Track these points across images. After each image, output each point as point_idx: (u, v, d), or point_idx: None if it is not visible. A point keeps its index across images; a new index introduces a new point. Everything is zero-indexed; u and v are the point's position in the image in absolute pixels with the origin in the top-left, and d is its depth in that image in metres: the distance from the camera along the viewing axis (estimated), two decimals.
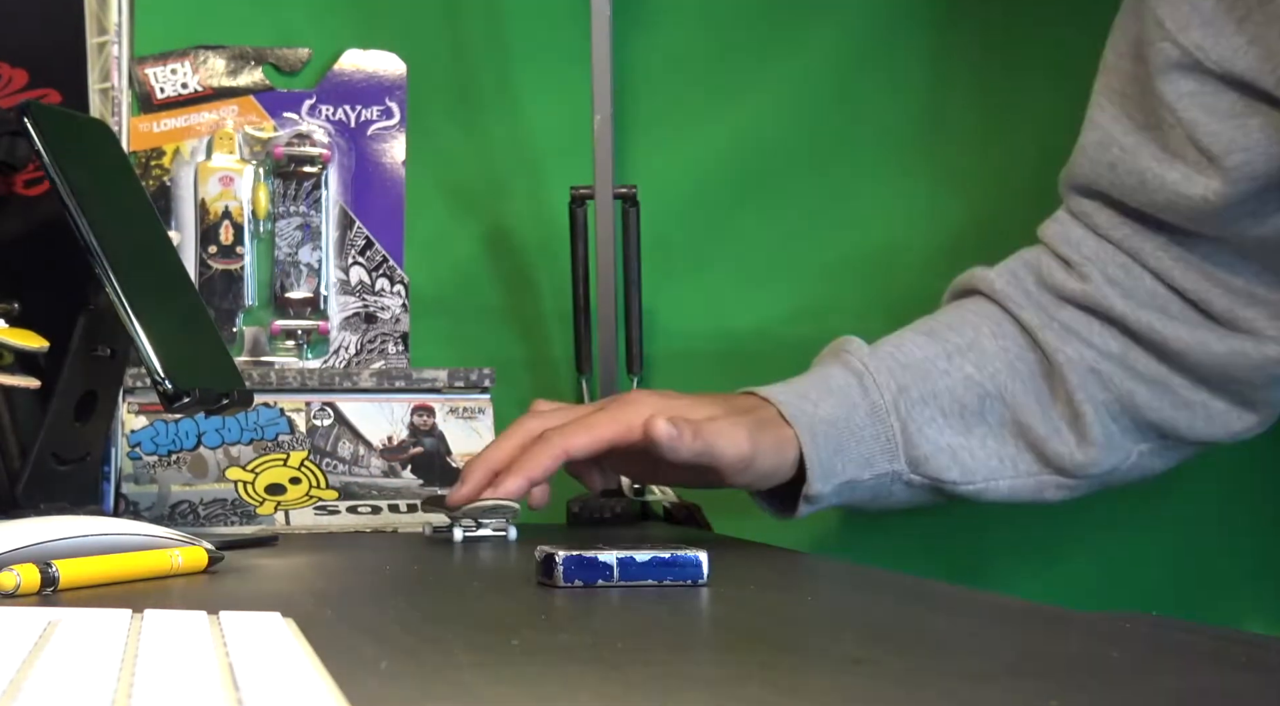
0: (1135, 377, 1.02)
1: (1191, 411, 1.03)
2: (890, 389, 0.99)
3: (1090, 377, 1.01)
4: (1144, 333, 1.01)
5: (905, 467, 1.00)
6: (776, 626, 0.58)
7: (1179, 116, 0.96)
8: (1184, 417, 1.03)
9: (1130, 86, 1.00)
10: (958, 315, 1.05)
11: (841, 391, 0.99)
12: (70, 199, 0.84)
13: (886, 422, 0.99)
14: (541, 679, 0.44)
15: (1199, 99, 0.95)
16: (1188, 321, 1.01)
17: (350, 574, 0.78)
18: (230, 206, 1.16)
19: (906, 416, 0.99)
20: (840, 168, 1.31)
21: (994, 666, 0.48)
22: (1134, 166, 0.99)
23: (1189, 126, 0.96)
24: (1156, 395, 1.02)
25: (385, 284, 1.18)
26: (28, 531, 0.69)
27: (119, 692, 0.37)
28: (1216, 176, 0.95)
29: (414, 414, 1.12)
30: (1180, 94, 0.96)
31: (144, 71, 1.17)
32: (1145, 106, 0.99)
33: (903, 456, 0.99)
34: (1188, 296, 1.01)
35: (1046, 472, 1.02)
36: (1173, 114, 0.96)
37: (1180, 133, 0.96)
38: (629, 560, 0.66)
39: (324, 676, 0.40)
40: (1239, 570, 1.28)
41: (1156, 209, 1.00)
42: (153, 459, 1.07)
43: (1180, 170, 0.97)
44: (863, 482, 0.99)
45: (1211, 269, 1.00)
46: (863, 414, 0.99)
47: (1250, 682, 0.46)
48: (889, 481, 1.00)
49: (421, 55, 1.23)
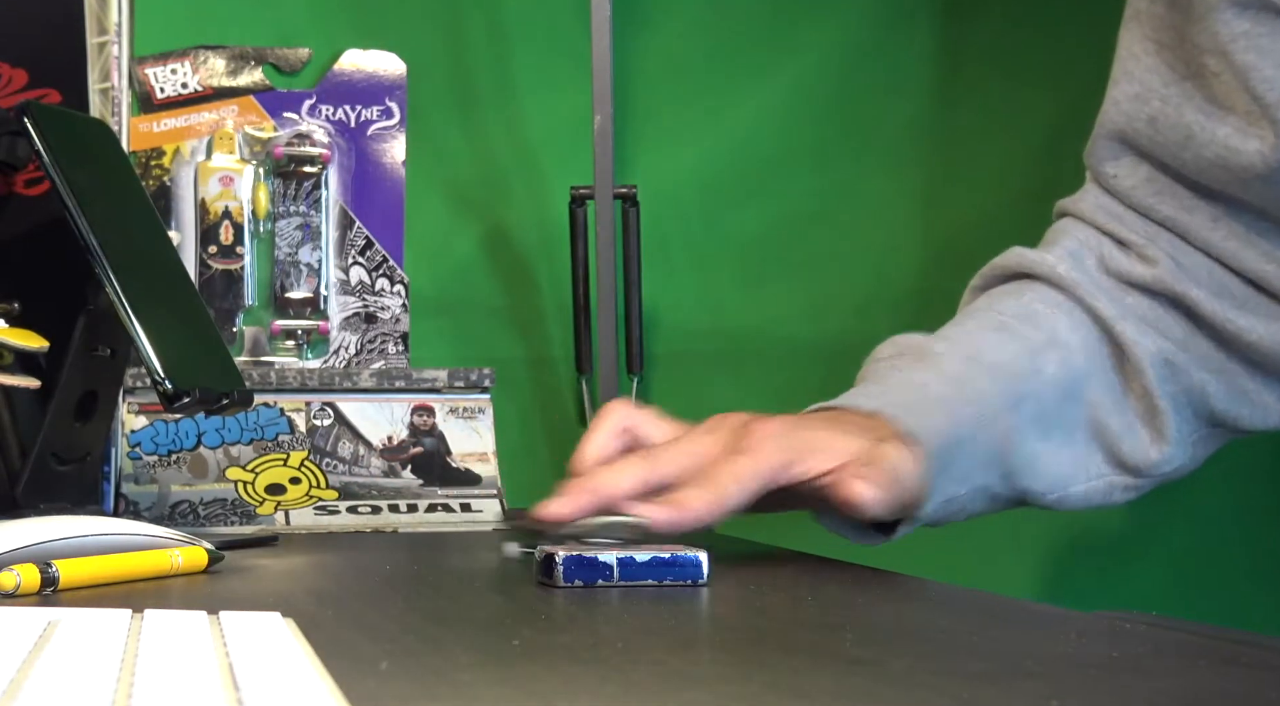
0: (1204, 368, 0.94)
1: (1249, 400, 0.95)
2: (991, 396, 0.90)
3: (1166, 370, 0.94)
4: (1214, 320, 0.93)
5: (997, 480, 0.91)
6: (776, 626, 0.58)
7: (1231, 61, 0.87)
8: (1244, 407, 0.95)
9: (1166, 34, 0.92)
10: (1024, 305, 0.95)
11: (944, 401, 0.89)
12: (70, 199, 0.84)
13: (989, 434, 0.89)
14: (541, 679, 0.44)
15: (1255, 40, 0.86)
16: (1258, 310, 0.93)
17: (350, 574, 0.78)
18: (230, 206, 1.16)
19: (1008, 426, 0.90)
20: (840, 167, 1.31)
21: (994, 666, 0.48)
22: (1178, 120, 0.91)
23: (1241, 72, 0.87)
24: (1224, 386, 0.95)
25: (385, 284, 1.18)
26: (28, 531, 0.69)
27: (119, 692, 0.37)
28: (1271, 129, 0.86)
29: (414, 414, 1.12)
30: (1234, 35, 0.87)
31: (144, 71, 1.17)
32: (1185, 55, 0.91)
33: (998, 469, 0.90)
34: (1246, 276, 0.93)
35: (1116, 473, 0.94)
36: (1223, 59, 0.87)
37: (1230, 80, 0.87)
38: (629, 560, 0.66)
39: (324, 676, 0.40)
40: (1239, 570, 1.28)
41: (1201, 169, 0.91)
42: (153, 459, 1.07)
43: (1232, 122, 0.88)
44: (958, 498, 0.90)
45: (1262, 244, 0.92)
46: (967, 426, 0.89)
47: (1250, 682, 0.46)
48: (978, 495, 0.91)
49: (421, 55, 1.23)
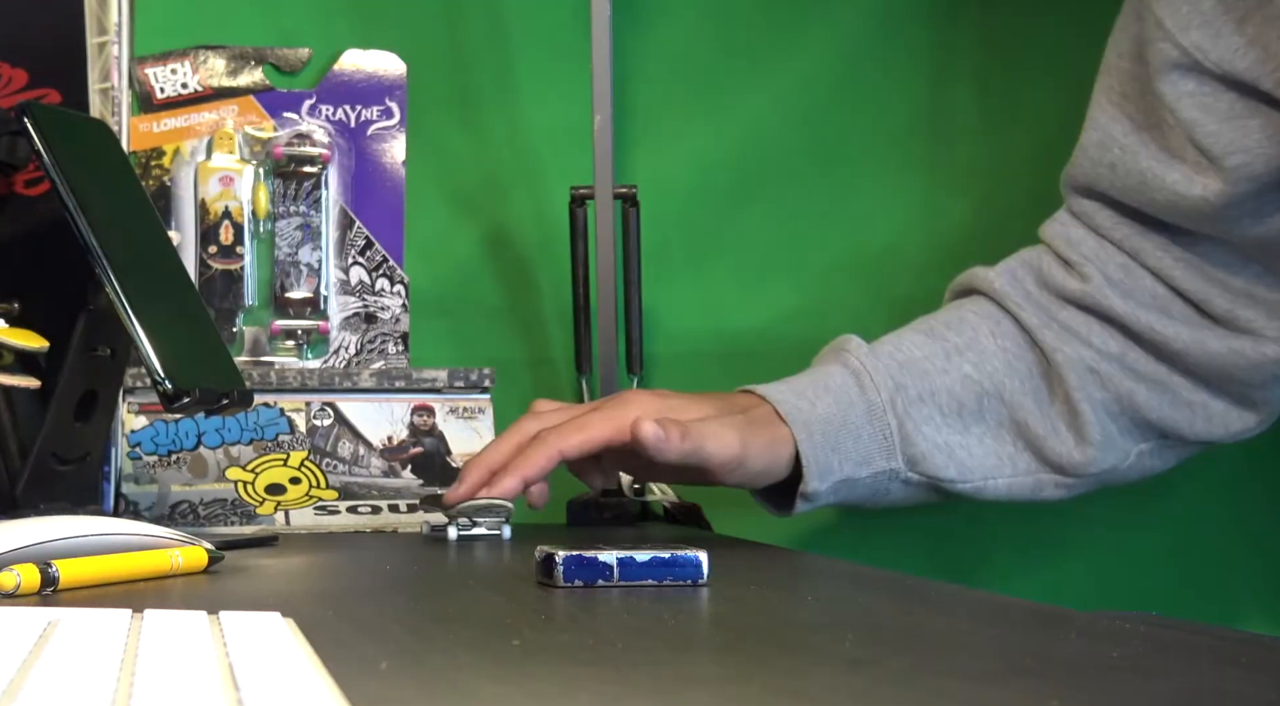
0: (1135, 377, 1.02)
1: (1191, 411, 1.03)
2: (887, 387, 0.99)
3: (1089, 377, 1.01)
4: (1144, 332, 1.01)
5: (903, 466, 1.00)
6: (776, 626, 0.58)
7: (1179, 117, 0.96)
8: (1184, 417, 1.03)
9: (1130, 86, 1.00)
10: (956, 314, 1.05)
11: (839, 389, 0.99)
12: (70, 199, 0.84)
13: (883, 420, 0.99)
14: (541, 679, 0.44)
15: (1199, 99, 0.95)
16: (1188, 322, 1.01)
17: (350, 574, 0.78)
18: (230, 206, 1.16)
19: (904, 414, 0.99)
20: (840, 167, 1.31)
21: (994, 666, 0.48)
22: (1134, 166, 0.99)
23: (1188, 126, 0.96)
24: (1156, 395, 1.02)
25: (385, 284, 1.18)
26: (28, 531, 0.69)
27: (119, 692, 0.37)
28: (1216, 177, 0.95)
29: (414, 414, 1.12)
30: (1180, 94, 0.96)
31: (144, 71, 1.17)
32: (1145, 107, 0.99)
33: (900, 454, 0.99)
34: (1188, 297, 1.01)
35: (1044, 471, 1.02)
36: (1173, 114, 0.96)
37: (1180, 133, 0.96)
38: (629, 560, 0.66)
39: (324, 676, 0.40)
40: (1239, 570, 1.28)
41: (1157, 209, 1.00)
42: (153, 459, 1.07)
43: (1180, 170, 0.97)
44: (860, 480, 0.99)
45: (1212, 269, 1.00)
46: (860, 412, 0.99)
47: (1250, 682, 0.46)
48: (886, 479, 1.00)
49: (421, 55, 1.23)
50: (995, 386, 1.02)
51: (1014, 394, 1.02)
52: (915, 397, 1.00)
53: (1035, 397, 1.02)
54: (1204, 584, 1.28)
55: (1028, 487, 1.02)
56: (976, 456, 1.01)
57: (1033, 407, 1.02)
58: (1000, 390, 1.02)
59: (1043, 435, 1.01)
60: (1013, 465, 1.02)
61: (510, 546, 0.91)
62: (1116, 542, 1.27)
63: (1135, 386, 1.02)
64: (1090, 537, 1.28)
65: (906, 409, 1.00)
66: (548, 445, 0.94)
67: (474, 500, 0.93)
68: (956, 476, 1.01)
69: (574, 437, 0.94)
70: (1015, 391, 1.02)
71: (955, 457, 1.01)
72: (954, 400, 1.01)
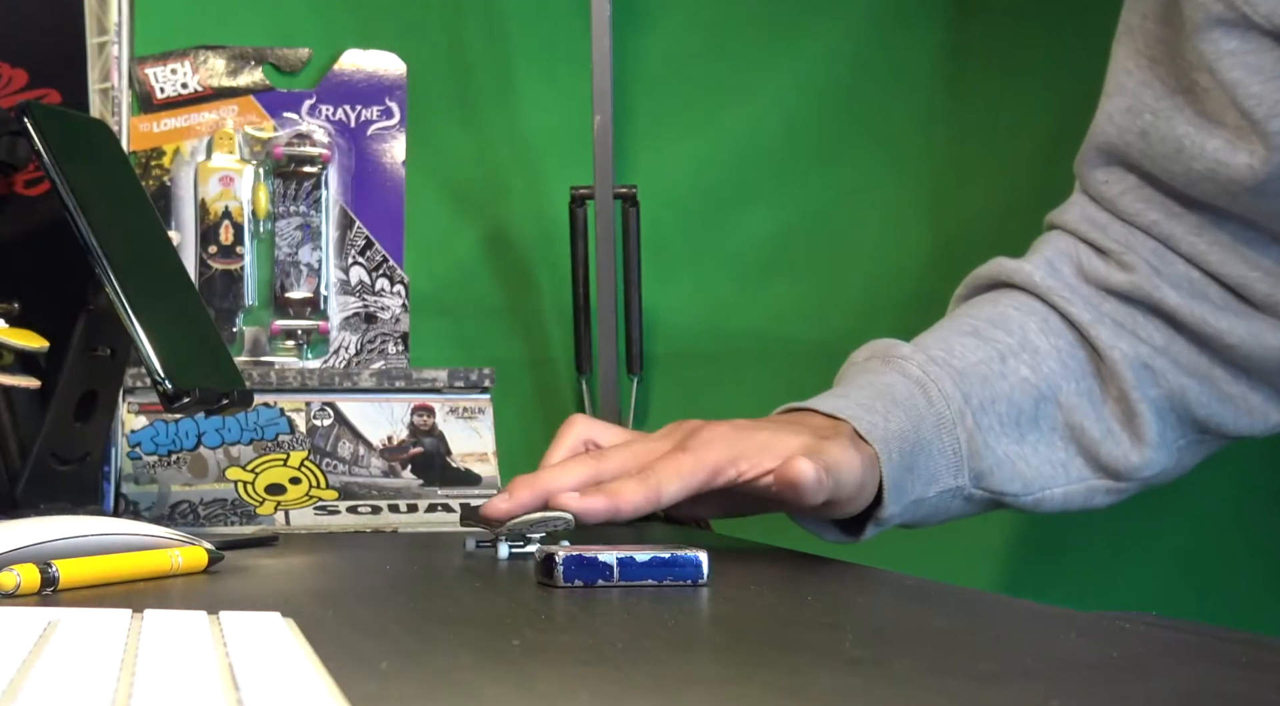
0: (1184, 372, 0.96)
1: (1234, 405, 0.97)
2: (955, 399, 0.92)
3: (1144, 374, 0.95)
4: (1193, 324, 0.95)
5: (969, 482, 0.92)
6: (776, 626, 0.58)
7: (1219, 78, 0.89)
8: (1228, 412, 0.97)
9: (1158, 49, 0.93)
10: (998, 311, 0.97)
11: (907, 402, 0.90)
12: (70, 199, 0.84)
13: (953, 435, 0.91)
14: (541, 679, 0.44)
15: (1241, 58, 0.88)
16: (1237, 312, 0.95)
17: (350, 574, 0.78)
18: (230, 206, 1.16)
19: (972, 427, 0.92)
20: (840, 167, 1.31)
21: (994, 666, 0.48)
22: (1168, 133, 0.92)
23: (1230, 88, 0.89)
24: (1204, 389, 0.96)
25: (385, 284, 1.18)
26: (28, 531, 0.69)
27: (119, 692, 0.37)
28: (1260, 142, 0.88)
29: (414, 414, 1.12)
30: (1221, 53, 0.89)
31: (144, 71, 1.17)
32: (1176, 70, 0.92)
33: (967, 470, 0.92)
34: (1225, 282, 0.95)
35: (1097, 477, 0.95)
36: (1211, 76, 0.89)
37: (1220, 96, 0.89)
38: (629, 560, 0.66)
39: (324, 676, 0.40)
40: (1239, 570, 1.28)
41: (1191, 180, 0.93)
42: (153, 459, 1.07)
43: (1221, 136, 0.90)
44: (926, 500, 0.91)
45: (1246, 251, 0.94)
46: (930, 426, 0.90)
47: (1250, 682, 0.46)
48: (950, 497, 0.92)
49: (421, 55, 1.23)
50: (1051, 389, 0.95)
51: (1069, 396, 0.95)
52: (978, 407, 0.92)
53: (1090, 399, 0.95)
54: (1204, 584, 1.28)
55: (1081, 496, 0.95)
56: (1034, 466, 0.94)
57: (1088, 410, 0.95)
58: (1056, 393, 0.94)
59: (1097, 438, 0.94)
60: (1066, 473, 0.95)
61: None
62: (1116, 542, 1.27)
63: (1187, 382, 0.95)
64: (1091, 538, 1.28)
65: (976, 420, 0.92)
66: (648, 486, 0.81)
67: (529, 515, 0.82)
68: (1020, 490, 0.94)
69: (673, 485, 0.82)
70: (1071, 393, 0.95)
71: (1017, 470, 0.93)
72: (1013, 407, 0.93)
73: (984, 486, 0.93)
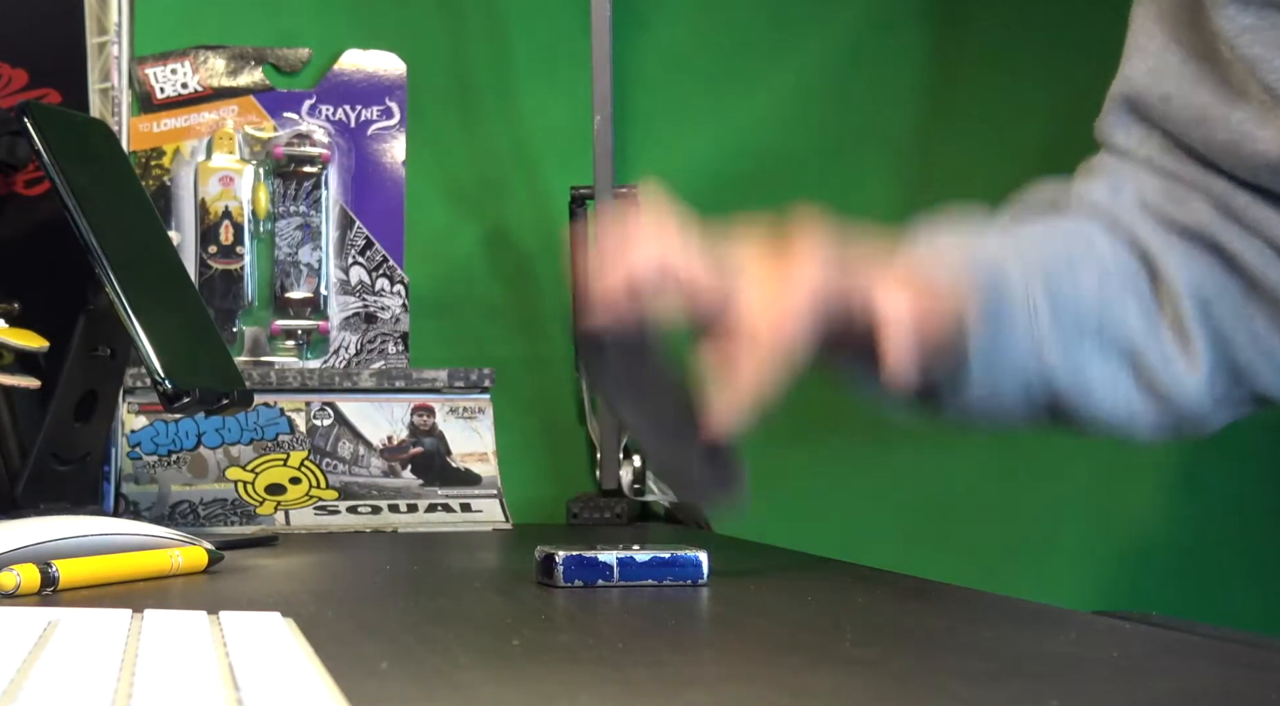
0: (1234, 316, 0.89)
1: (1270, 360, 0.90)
2: (1033, 273, 0.84)
3: (1202, 307, 0.88)
4: (1254, 273, 0.88)
5: (1035, 374, 0.84)
6: (776, 626, 0.58)
7: (1239, 53, 0.84)
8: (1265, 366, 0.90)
9: (1181, 13, 0.89)
10: (1061, 225, 0.90)
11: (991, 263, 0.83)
12: (70, 199, 0.84)
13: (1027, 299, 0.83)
14: (541, 679, 0.44)
15: (1260, 34, 0.84)
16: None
17: (350, 574, 0.78)
18: (230, 206, 1.16)
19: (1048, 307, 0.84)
20: (840, 167, 1.31)
21: (994, 666, 0.48)
22: (1192, 100, 0.87)
23: (1250, 64, 0.84)
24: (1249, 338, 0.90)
25: (385, 284, 1.18)
26: (28, 531, 0.69)
27: (119, 692, 0.37)
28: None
29: (414, 414, 1.12)
30: (1239, 29, 0.84)
31: (144, 71, 1.17)
32: (1199, 33, 0.87)
33: (1035, 361, 0.84)
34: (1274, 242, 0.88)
35: (1142, 398, 0.88)
36: (1232, 50, 0.84)
37: (1241, 69, 0.85)
38: (629, 560, 0.66)
39: (324, 676, 0.40)
40: (1239, 570, 1.28)
41: (1211, 151, 0.88)
42: (153, 459, 1.07)
43: (1246, 110, 0.85)
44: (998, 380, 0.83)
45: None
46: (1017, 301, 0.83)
47: (1250, 682, 0.46)
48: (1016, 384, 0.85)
49: (421, 55, 1.23)
50: (1111, 302, 0.87)
51: (1131, 313, 0.87)
52: (1046, 291, 0.84)
53: (1148, 320, 0.88)
54: (1204, 584, 1.28)
55: (1123, 411, 0.88)
56: (1093, 379, 0.86)
57: (1146, 330, 0.88)
58: (1113, 304, 0.87)
59: (1153, 359, 0.87)
60: (1114, 389, 0.87)
61: (510, 546, 0.90)
62: (1116, 542, 1.27)
63: (1235, 325, 0.89)
64: (1091, 538, 1.28)
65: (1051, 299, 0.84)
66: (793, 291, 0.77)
67: None
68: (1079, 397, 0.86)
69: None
70: (1133, 313, 0.87)
71: (1083, 378, 0.85)
72: (1072, 309, 0.85)
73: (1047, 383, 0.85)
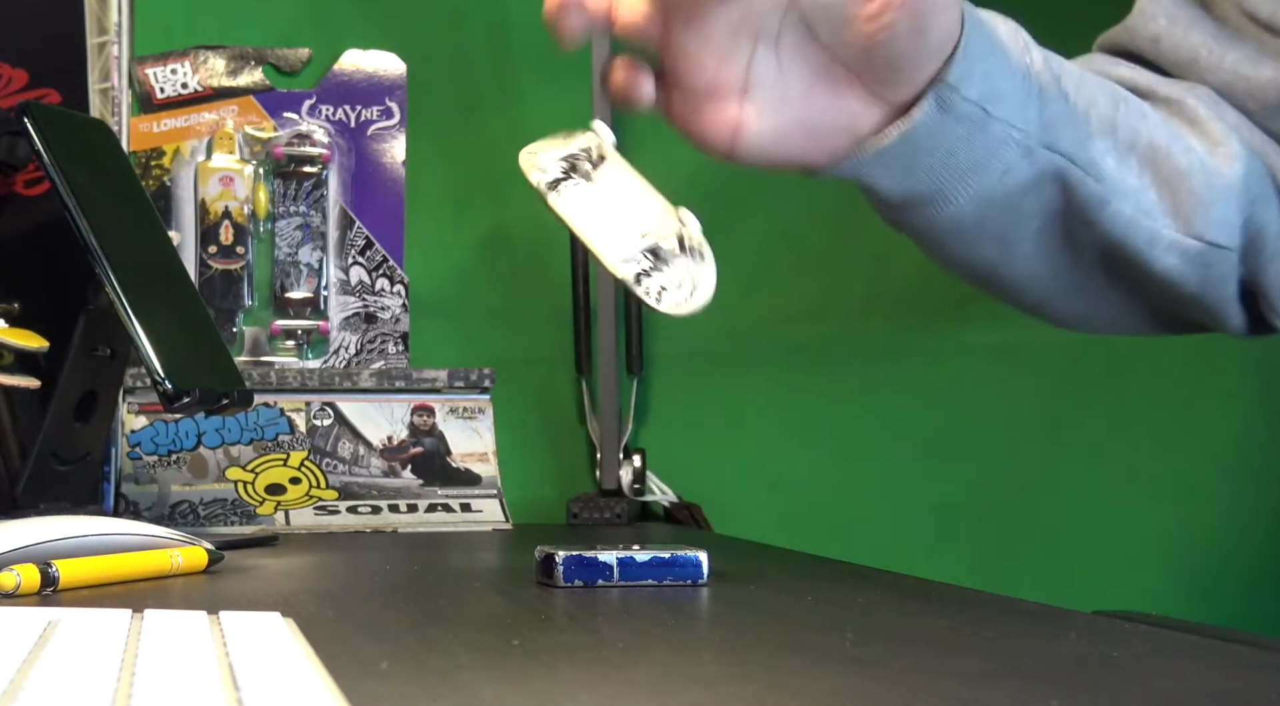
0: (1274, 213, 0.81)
1: None
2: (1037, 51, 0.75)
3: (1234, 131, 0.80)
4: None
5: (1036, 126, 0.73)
6: (776, 626, 0.58)
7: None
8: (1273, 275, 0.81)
9: None
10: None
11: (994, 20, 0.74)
12: (70, 199, 0.84)
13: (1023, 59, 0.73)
14: (541, 679, 0.44)
15: None
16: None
17: (350, 574, 0.78)
18: (230, 206, 1.16)
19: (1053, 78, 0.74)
20: None
21: (994, 666, 0.48)
22: (1183, 42, 0.83)
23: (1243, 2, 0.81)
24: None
25: (385, 284, 1.18)
26: (28, 531, 0.69)
27: (119, 692, 0.37)
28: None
29: (414, 414, 1.12)
30: None
31: (144, 71, 1.17)
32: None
33: (1036, 109, 0.73)
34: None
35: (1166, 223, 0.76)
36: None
37: (1232, 7, 0.81)
38: (629, 560, 0.66)
39: (324, 676, 0.40)
40: (1239, 570, 1.28)
41: None
42: (153, 459, 1.07)
43: (1241, 49, 0.81)
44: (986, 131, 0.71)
45: None
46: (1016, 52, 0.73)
47: (1250, 682, 0.46)
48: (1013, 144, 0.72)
49: (421, 55, 1.23)
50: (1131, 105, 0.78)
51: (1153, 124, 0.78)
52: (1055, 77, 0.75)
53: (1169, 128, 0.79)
54: (1204, 584, 1.28)
55: (1144, 232, 0.76)
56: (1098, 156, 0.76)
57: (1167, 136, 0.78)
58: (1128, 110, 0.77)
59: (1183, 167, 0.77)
60: (1137, 196, 0.76)
61: (510, 546, 0.90)
62: (1116, 542, 1.27)
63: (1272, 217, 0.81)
64: (1090, 538, 1.28)
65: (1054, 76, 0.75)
66: None
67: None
68: (1087, 167, 0.74)
69: None
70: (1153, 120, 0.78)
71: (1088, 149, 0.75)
72: (1087, 99, 0.76)
73: (1051, 145, 0.73)
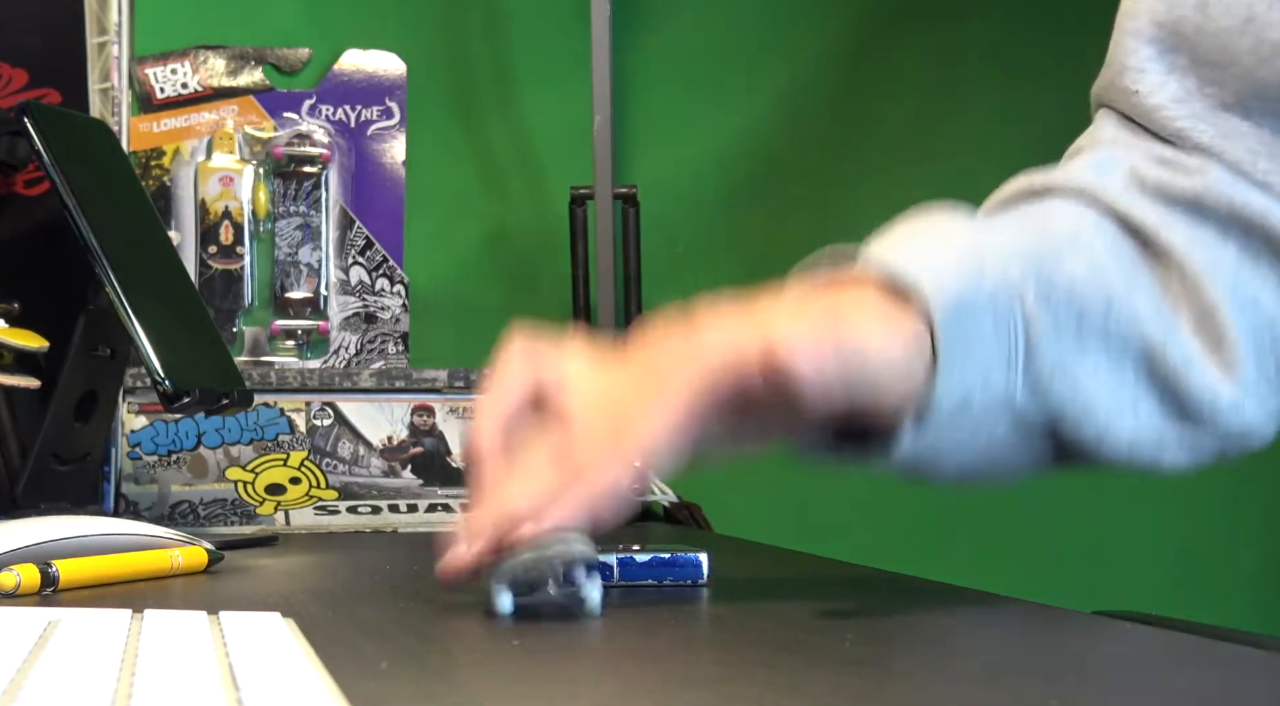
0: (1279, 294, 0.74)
1: None
2: (1010, 276, 0.67)
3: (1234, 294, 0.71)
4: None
5: (1023, 389, 0.66)
6: (776, 626, 0.58)
7: None
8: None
9: None
10: (1039, 210, 0.74)
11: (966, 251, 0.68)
12: (70, 199, 0.84)
13: (1009, 309, 0.67)
14: (541, 679, 0.44)
15: None
16: None
17: (350, 574, 0.78)
18: (230, 206, 1.16)
19: (1033, 310, 0.67)
20: (840, 166, 1.31)
21: (994, 666, 0.48)
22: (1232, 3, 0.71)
23: None
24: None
25: (385, 284, 1.18)
26: (28, 531, 0.69)
27: (119, 692, 0.37)
28: None
29: (414, 414, 1.12)
30: None
31: (144, 71, 1.17)
32: None
33: (1021, 365, 0.66)
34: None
35: (1170, 420, 0.70)
36: None
37: None
38: (629, 560, 0.66)
39: (324, 676, 0.40)
40: (1239, 570, 1.28)
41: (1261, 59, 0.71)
42: (153, 459, 1.07)
43: None
44: (970, 409, 0.66)
45: None
46: (985, 295, 0.66)
47: (1250, 682, 0.46)
48: (998, 407, 0.66)
49: (421, 55, 1.24)
50: (1113, 296, 0.70)
51: (1141, 307, 0.70)
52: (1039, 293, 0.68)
53: (1163, 316, 0.71)
54: (1204, 584, 1.28)
55: (1150, 444, 0.71)
56: (1099, 390, 0.69)
57: (1165, 327, 0.71)
58: (1113, 299, 0.70)
59: (1178, 365, 0.70)
60: (1134, 411, 0.70)
61: None
62: (1117, 542, 1.27)
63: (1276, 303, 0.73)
64: (1090, 538, 1.28)
65: (1035, 303, 0.67)
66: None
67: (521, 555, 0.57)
68: (1082, 413, 0.68)
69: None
70: (1143, 304, 0.70)
71: (1080, 388, 0.68)
72: (1073, 303, 0.68)
73: (1042, 397, 0.67)
